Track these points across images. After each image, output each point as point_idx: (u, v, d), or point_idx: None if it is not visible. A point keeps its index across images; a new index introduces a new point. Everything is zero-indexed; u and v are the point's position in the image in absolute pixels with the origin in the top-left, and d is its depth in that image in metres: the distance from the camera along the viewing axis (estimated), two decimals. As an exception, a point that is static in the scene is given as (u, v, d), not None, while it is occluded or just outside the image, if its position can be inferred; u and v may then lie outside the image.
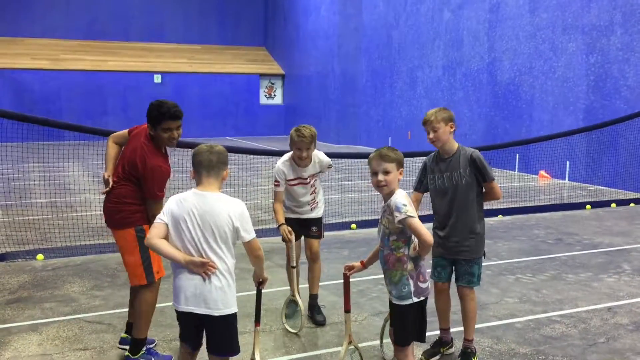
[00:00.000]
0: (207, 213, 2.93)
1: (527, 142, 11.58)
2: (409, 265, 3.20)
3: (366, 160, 3.44)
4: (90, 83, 25.29)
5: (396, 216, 3.13)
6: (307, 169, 4.55)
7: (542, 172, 13.44)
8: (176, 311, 3.05)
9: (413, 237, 3.18)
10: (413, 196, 4.01)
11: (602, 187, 11.75)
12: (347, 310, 3.65)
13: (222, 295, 2.96)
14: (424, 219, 4.26)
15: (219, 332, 3.02)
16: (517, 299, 5.37)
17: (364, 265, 3.56)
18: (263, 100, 29.07)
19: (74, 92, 24.92)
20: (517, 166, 14.25)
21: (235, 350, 3.08)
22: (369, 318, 4.89)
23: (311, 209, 4.70)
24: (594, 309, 5.15)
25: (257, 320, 3.42)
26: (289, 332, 4.56)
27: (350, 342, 3.61)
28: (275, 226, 4.78)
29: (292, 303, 4.62)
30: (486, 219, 4.44)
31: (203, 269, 2.92)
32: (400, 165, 3.26)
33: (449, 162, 3.91)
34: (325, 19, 23.72)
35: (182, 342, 3.15)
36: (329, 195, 10.89)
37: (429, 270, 3.21)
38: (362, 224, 8.45)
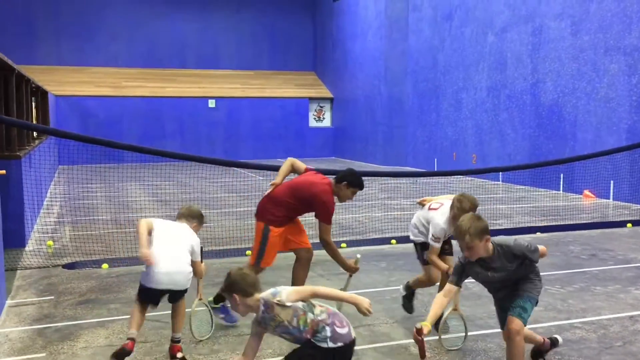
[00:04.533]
0: (180, 231, 4.68)
1: (570, 160, 11.79)
2: None
3: (410, 179, 3.80)
4: (149, 108, 26.64)
5: None
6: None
7: (587, 192, 13.49)
8: (145, 287, 4.42)
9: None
10: (448, 287, 4.01)
11: (647, 207, 11.76)
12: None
13: (183, 279, 4.53)
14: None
15: (179, 296, 4.64)
16: (542, 307, 5.65)
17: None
18: (312, 123, 29.83)
19: (134, 117, 26.30)
20: (561, 186, 14.33)
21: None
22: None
23: None
24: (616, 317, 5.41)
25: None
26: None
27: None
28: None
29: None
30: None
31: (146, 260, 4.33)
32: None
33: (492, 262, 3.92)
34: (372, 43, 24.34)
35: (143, 301, 4.51)
36: (372, 212, 11.33)
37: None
38: (401, 240, 8.84)
